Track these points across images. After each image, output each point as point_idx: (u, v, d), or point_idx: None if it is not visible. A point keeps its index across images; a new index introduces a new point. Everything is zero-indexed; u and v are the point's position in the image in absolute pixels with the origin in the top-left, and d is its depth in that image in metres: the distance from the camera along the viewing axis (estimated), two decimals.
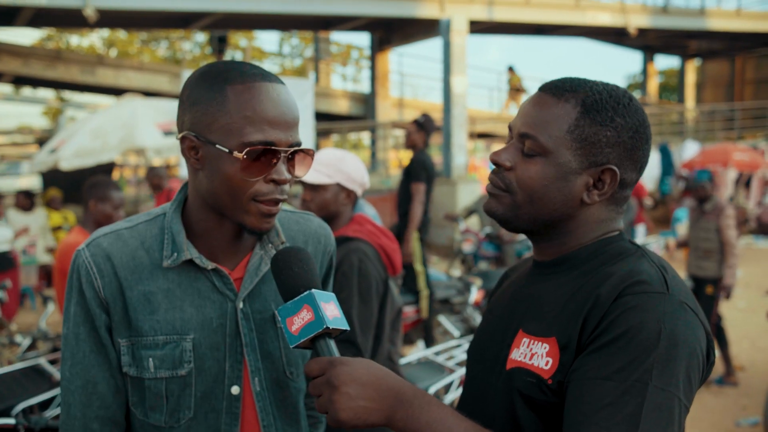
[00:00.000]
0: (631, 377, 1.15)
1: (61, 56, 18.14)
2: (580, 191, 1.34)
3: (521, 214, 1.37)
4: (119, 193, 4.31)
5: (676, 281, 1.27)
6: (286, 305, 1.30)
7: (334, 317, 1.28)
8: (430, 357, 4.34)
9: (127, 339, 1.43)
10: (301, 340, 1.26)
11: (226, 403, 1.47)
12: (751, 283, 10.83)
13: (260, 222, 1.41)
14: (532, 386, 1.28)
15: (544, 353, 1.28)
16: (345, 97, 21.06)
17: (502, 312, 1.46)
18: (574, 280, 1.33)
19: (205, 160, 1.39)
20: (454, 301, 7.17)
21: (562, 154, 1.32)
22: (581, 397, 1.18)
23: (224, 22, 17.06)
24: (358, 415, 1.20)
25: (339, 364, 1.23)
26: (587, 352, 1.22)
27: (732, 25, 20.97)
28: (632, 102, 1.35)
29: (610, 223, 1.39)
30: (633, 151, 1.33)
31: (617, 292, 1.23)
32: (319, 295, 1.29)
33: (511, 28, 19.67)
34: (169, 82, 18.86)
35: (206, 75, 1.41)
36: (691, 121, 25.14)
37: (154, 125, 9.63)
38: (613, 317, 1.20)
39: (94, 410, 1.45)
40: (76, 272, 1.44)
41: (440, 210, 14.49)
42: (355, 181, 2.95)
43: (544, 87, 1.38)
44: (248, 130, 1.35)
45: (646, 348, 1.16)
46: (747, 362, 7.35)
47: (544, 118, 1.33)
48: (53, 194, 11.21)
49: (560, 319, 1.29)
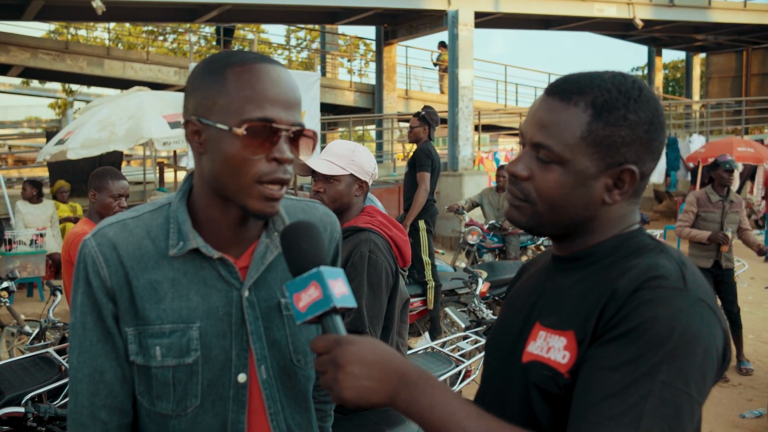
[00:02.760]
0: (638, 370, 1.14)
1: (69, 49, 18.15)
2: (600, 194, 1.32)
3: (544, 222, 1.36)
4: (119, 182, 4.27)
5: (695, 277, 1.25)
6: (295, 281, 1.29)
7: (342, 295, 1.27)
8: (437, 348, 4.36)
9: (134, 328, 1.44)
10: (308, 317, 1.26)
11: (233, 391, 1.48)
12: (756, 276, 10.82)
13: (264, 206, 1.40)
14: (548, 380, 1.28)
15: (561, 347, 1.28)
16: (351, 89, 21.05)
17: (521, 305, 1.45)
18: (593, 274, 1.32)
19: (208, 142, 1.40)
20: (461, 293, 7.19)
21: (579, 162, 1.29)
22: (588, 386, 1.18)
23: (231, 15, 17.04)
24: (361, 394, 1.21)
25: (345, 342, 1.23)
26: (599, 342, 1.21)
27: (738, 18, 20.86)
28: (642, 92, 1.31)
29: (630, 216, 1.38)
30: (650, 143, 1.31)
31: (634, 286, 1.22)
32: (327, 272, 1.27)
33: (518, 21, 19.62)
34: (176, 74, 18.89)
35: (209, 62, 1.43)
36: (697, 114, 25.06)
37: (161, 117, 9.63)
38: (628, 310, 1.20)
39: (101, 399, 1.45)
40: (83, 262, 1.45)
41: (447, 202, 14.51)
42: (368, 173, 2.95)
43: (551, 90, 1.34)
44: (248, 108, 1.36)
45: (658, 343, 1.15)
46: (752, 354, 7.35)
47: (556, 125, 1.30)
48: (61, 185, 11.25)
49: (578, 313, 1.28)
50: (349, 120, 18.89)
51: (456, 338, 4.77)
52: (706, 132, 21.41)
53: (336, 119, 19.63)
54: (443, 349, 4.39)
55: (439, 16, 16.11)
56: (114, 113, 9.73)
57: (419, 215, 7.25)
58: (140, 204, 1.59)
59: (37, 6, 14.24)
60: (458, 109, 15.13)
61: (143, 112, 9.58)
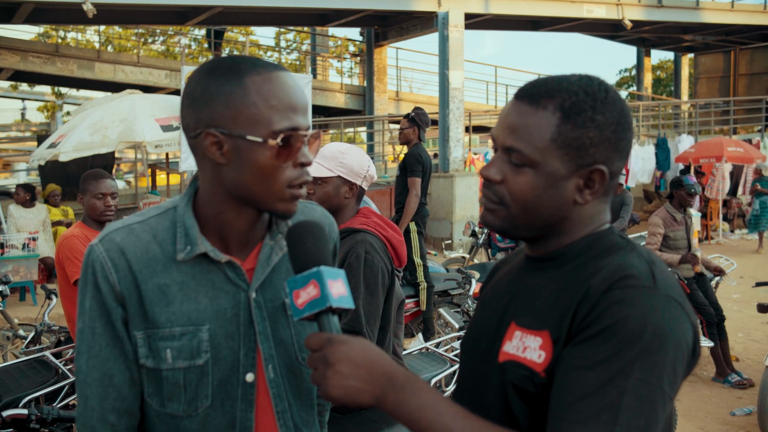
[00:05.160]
0: (613, 368, 1.18)
1: (59, 52, 18.11)
2: (571, 194, 1.35)
3: (518, 225, 1.39)
4: (102, 182, 4.24)
5: (664, 275, 1.29)
6: (296, 278, 1.32)
7: (340, 296, 1.30)
8: (432, 348, 4.39)
9: (144, 331, 1.46)
10: (305, 314, 1.29)
11: (242, 390, 1.50)
12: (745, 275, 10.90)
13: (291, 206, 1.46)
14: (525, 379, 1.30)
15: (537, 346, 1.30)
16: (342, 91, 21.07)
17: (495, 304, 1.47)
18: (566, 274, 1.35)
19: (232, 153, 1.41)
20: (454, 294, 7.24)
21: (550, 163, 1.33)
22: (564, 386, 1.21)
23: (221, 18, 17.04)
24: (348, 393, 1.23)
25: (336, 342, 1.25)
26: (573, 343, 1.24)
27: (726, 19, 21.03)
28: (608, 94, 1.34)
29: (601, 215, 1.41)
30: (617, 143, 1.34)
31: (606, 285, 1.25)
32: (327, 272, 1.30)
33: (507, 22, 19.71)
34: (167, 77, 18.86)
35: (216, 71, 1.43)
36: (686, 114, 25.19)
37: (154, 120, 9.65)
38: (600, 310, 1.23)
39: (111, 402, 1.47)
40: (91, 267, 1.46)
41: (438, 203, 14.57)
42: (358, 175, 2.96)
43: (519, 94, 1.38)
44: (276, 118, 1.40)
45: (631, 341, 1.18)
46: (741, 353, 7.43)
47: (526, 129, 1.33)
48: (53, 189, 11.24)
49: (552, 313, 1.31)
50: (340, 122, 18.91)
51: (450, 338, 4.81)
52: (695, 132, 21.54)
53: (327, 121, 19.64)
54: (438, 349, 4.43)
55: (429, 18, 16.15)
56: (106, 116, 9.74)
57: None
58: (133, 207, 1.61)
59: (28, 9, 14.20)
60: (449, 110, 15.17)
61: (135, 116, 9.60)
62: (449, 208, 14.68)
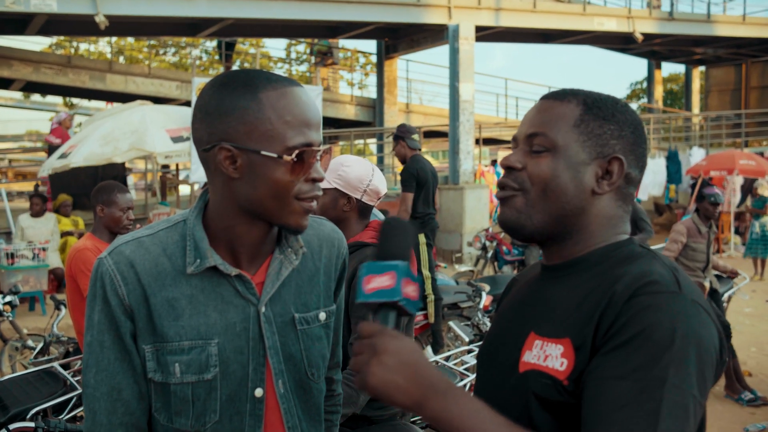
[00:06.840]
0: (647, 376, 1.16)
1: (71, 63, 18.25)
2: (590, 182, 1.38)
3: (534, 214, 1.39)
4: (126, 196, 4.27)
5: (687, 281, 1.28)
6: (375, 263, 1.29)
7: (409, 297, 1.28)
8: (441, 361, 4.36)
9: (152, 345, 1.45)
10: (370, 300, 1.26)
11: (250, 405, 1.49)
12: (757, 288, 10.83)
13: (303, 219, 1.46)
14: (547, 388, 1.29)
15: (559, 354, 1.29)
16: (352, 103, 21.12)
17: (513, 316, 1.47)
18: (586, 281, 1.35)
19: (246, 167, 1.41)
20: (464, 306, 7.21)
21: (571, 148, 1.38)
22: (599, 397, 1.19)
23: (232, 29, 17.11)
24: (386, 387, 1.20)
25: (389, 335, 1.24)
26: (602, 352, 1.23)
27: (737, 32, 20.99)
28: (627, 106, 1.44)
29: (619, 222, 1.41)
30: (635, 145, 1.40)
31: (630, 292, 1.24)
32: (407, 271, 1.29)
33: (518, 35, 19.70)
34: (178, 88, 18.95)
35: (230, 85, 1.43)
36: (697, 127, 25.13)
37: (164, 131, 9.69)
38: (628, 317, 1.22)
39: (119, 416, 1.46)
40: (100, 280, 1.45)
41: (448, 216, 14.54)
42: (356, 188, 2.91)
43: (545, 96, 1.46)
44: (290, 134, 1.40)
45: (662, 347, 1.17)
46: (755, 368, 7.36)
47: (550, 118, 1.40)
48: (64, 199, 11.28)
49: (574, 320, 1.30)
50: (350, 134, 18.93)
51: (460, 352, 4.77)
52: (706, 145, 21.48)
53: (337, 133, 19.68)
54: (447, 362, 4.40)
55: (439, 31, 16.16)
56: (117, 128, 9.79)
57: (419, 229, 7.28)
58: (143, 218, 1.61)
59: (41, 20, 14.29)
60: (459, 122, 15.17)
61: (146, 127, 9.65)
62: (459, 220, 14.65)
